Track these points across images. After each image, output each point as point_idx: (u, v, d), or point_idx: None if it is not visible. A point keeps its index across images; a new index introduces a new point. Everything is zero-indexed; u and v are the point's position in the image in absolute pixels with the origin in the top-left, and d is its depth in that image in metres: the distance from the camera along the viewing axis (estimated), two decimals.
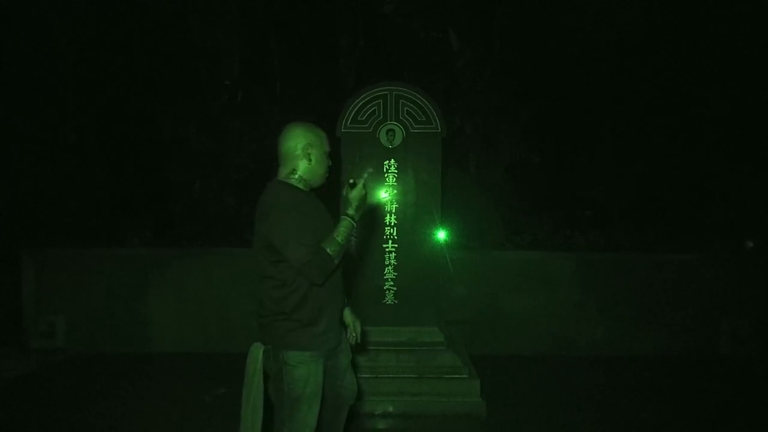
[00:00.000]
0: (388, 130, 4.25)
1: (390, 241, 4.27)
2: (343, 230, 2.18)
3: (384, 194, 4.26)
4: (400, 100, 4.26)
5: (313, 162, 2.32)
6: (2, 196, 7.86)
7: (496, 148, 7.50)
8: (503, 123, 7.42)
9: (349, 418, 3.38)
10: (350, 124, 4.27)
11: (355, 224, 2.22)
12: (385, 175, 4.27)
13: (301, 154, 2.32)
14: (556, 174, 8.05)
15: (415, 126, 4.26)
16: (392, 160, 4.26)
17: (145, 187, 7.99)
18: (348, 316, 2.57)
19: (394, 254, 4.27)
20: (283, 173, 2.37)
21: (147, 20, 7.97)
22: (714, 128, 7.91)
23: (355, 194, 2.21)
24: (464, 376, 4.07)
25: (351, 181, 2.23)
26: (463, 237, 6.12)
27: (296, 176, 2.34)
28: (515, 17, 7.79)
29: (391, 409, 3.98)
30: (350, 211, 2.22)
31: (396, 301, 4.27)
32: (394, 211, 4.27)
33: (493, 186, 7.27)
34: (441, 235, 4.45)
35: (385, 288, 4.27)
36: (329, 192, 2.66)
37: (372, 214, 4.22)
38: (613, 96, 7.97)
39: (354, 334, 2.55)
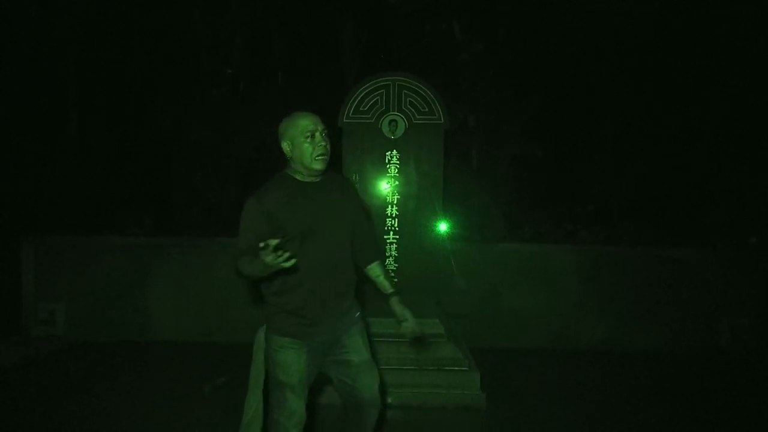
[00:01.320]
0: (391, 121, 4.23)
1: (391, 233, 4.25)
2: (249, 267, 2.13)
3: (385, 185, 4.24)
4: (403, 91, 4.23)
5: (295, 151, 2.31)
6: (3, 183, 7.85)
7: (499, 142, 7.48)
8: (506, 118, 7.40)
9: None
10: (352, 114, 4.24)
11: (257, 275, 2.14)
12: (387, 166, 4.25)
13: (286, 148, 2.34)
14: (558, 169, 8.05)
15: (417, 117, 4.24)
16: (394, 151, 4.24)
17: (146, 176, 7.98)
18: (396, 306, 2.56)
19: (395, 245, 4.26)
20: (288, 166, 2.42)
21: (148, 10, 7.93)
22: (716, 126, 7.91)
23: (266, 258, 1.98)
24: (464, 368, 4.07)
25: (262, 244, 2.00)
26: (464, 229, 6.10)
27: (293, 167, 2.37)
28: (518, 14, 7.77)
29: (390, 400, 3.98)
30: (257, 262, 2.04)
31: None
32: (395, 202, 4.25)
33: (495, 179, 7.25)
34: (442, 227, 4.44)
35: None
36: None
37: (374, 204, 4.21)
38: (616, 92, 7.96)
39: (407, 325, 2.55)
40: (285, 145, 2.33)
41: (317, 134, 2.29)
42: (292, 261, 2.01)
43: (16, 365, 4.81)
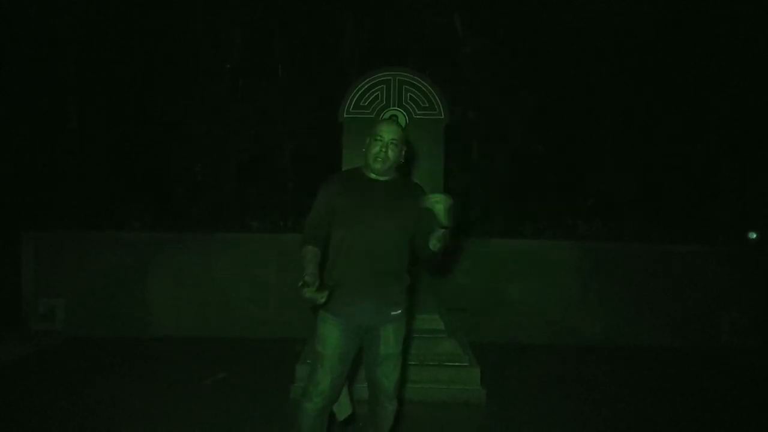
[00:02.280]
0: (391, 116, 4.21)
1: None
2: (306, 260, 2.49)
3: None
4: (404, 86, 4.22)
5: (367, 147, 2.59)
6: (3, 179, 7.84)
7: (499, 137, 7.47)
8: (506, 112, 7.39)
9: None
10: (353, 109, 4.23)
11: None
12: None
13: (366, 143, 2.63)
14: (559, 164, 8.02)
15: (418, 112, 4.22)
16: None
17: (146, 170, 7.96)
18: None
19: None
20: None
21: (149, 7, 7.90)
22: (719, 123, 7.87)
23: (307, 293, 2.33)
24: (464, 364, 4.06)
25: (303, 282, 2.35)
26: (464, 225, 6.10)
27: (365, 162, 2.62)
28: (519, 9, 7.73)
29: None
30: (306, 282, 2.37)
31: None
32: None
33: (496, 174, 7.24)
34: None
35: None
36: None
37: None
38: (618, 87, 7.92)
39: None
40: (367, 140, 2.62)
41: (386, 141, 2.54)
42: (322, 299, 2.34)
43: (16, 361, 4.81)
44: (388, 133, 2.55)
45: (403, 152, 2.62)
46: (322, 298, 2.32)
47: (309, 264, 2.46)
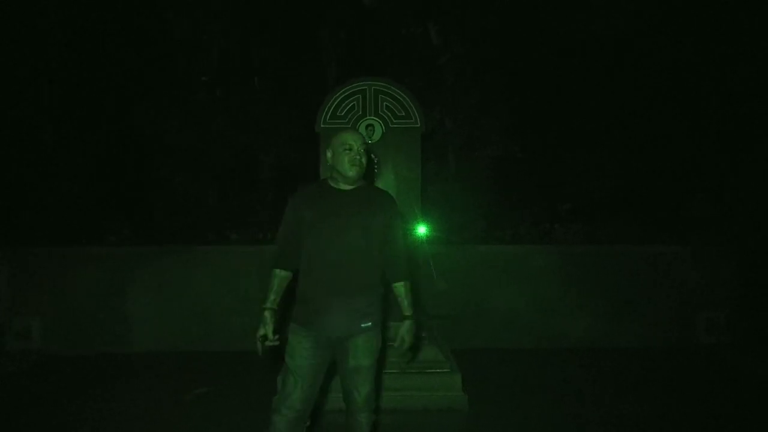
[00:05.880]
0: (368, 125, 4.25)
1: None
2: (270, 287, 2.67)
3: None
4: (379, 95, 4.26)
5: (335, 159, 2.57)
6: None
7: (477, 143, 7.53)
8: (484, 118, 7.46)
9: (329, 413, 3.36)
10: (329, 119, 4.25)
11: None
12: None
13: (328, 156, 2.63)
14: (537, 168, 8.11)
15: (394, 121, 4.26)
16: (371, 156, 4.25)
17: (124, 184, 7.88)
18: (403, 329, 2.72)
19: None
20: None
21: (127, 15, 7.86)
22: (693, 124, 8.03)
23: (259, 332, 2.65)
24: (446, 370, 4.08)
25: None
26: (443, 232, 6.14)
27: (333, 174, 2.62)
28: (494, 15, 7.83)
29: None
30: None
31: None
32: None
33: (474, 180, 7.30)
34: (422, 230, 4.46)
35: None
36: None
37: None
38: (595, 91, 8.04)
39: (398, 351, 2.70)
40: (328, 153, 2.63)
41: (355, 148, 2.55)
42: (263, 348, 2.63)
43: None
44: (356, 141, 2.57)
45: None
46: (275, 341, 2.59)
47: (272, 292, 2.62)
